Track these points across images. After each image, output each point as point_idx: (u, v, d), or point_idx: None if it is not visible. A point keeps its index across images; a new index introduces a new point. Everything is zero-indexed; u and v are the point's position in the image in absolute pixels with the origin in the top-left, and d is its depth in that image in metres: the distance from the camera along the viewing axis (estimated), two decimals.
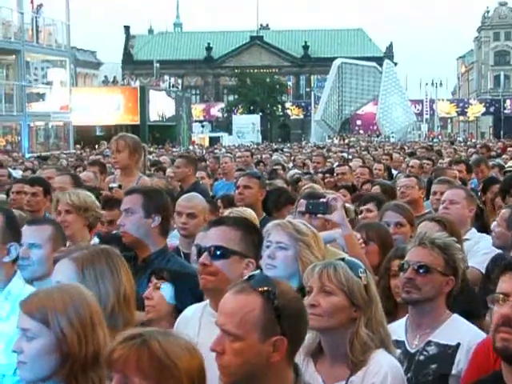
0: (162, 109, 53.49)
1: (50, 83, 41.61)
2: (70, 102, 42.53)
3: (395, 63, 76.23)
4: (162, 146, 42.52)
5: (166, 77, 62.71)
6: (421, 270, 3.59)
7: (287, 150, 29.87)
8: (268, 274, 2.93)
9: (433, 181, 7.66)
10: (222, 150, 30.25)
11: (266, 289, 2.48)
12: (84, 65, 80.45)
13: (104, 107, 47.80)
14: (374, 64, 65.08)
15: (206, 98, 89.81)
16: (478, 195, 7.72)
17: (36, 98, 40.02)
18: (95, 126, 50.45)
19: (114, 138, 7.43)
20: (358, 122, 77.52)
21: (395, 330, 3.54)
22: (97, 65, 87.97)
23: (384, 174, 11.31)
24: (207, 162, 15.01)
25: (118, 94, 50.68)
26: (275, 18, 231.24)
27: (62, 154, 26.68)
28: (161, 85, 58.09)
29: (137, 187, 5.50)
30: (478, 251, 5.52)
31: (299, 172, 11.31)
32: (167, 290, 3.87)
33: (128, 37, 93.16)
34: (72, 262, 3.06)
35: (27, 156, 28.16)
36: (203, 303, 3.50)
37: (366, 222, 5.73)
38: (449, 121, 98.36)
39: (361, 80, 62.43)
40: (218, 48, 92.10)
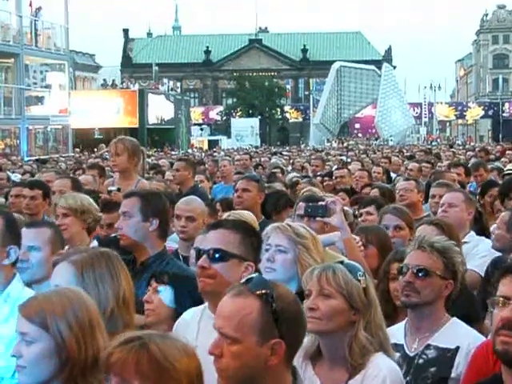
0: (160, 112, 53.46)
1: (48, 86, 41.68)
2: (69, 105, 42.59)
3: (394, 66, 76.26)
4: (161, 149, 42.52)
5: (164, 80, 62.64)
6: (420, 274, 3.59)
7: (286, 153, 29.85)
8: (267, 277, 2.92)
9: (431, 184, 7.66)
10: (221, 153, 30.23)
11: (263, 292, 2.48)
12: (83, 68, 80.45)
13: (103, 110, 47.75)
14: (372, 67, 65.05)
15: (204, 101, 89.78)
16: (477, 198, 7.71)
17: (35, 102, 40.07)
18: (94, 129, 50.41)
19: (113, 141, 7.43)
20: (357, 126, 77.44)
21: (394, 334, 3.54)
22: (96, 68, 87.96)
23: (383, 178, 11.30)
24: (206, 166, 14.99)
25: (116, 98, 50.62)
26: (274, 19, 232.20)
27: (60, 158, 26.68)
28: (160, 88, 58.04)
29: (135, 190, 5.49)
30: (476, 254, 5.53)
31: (298, 175, 11.30)
32: (167, 293, 3.86)
33: (127, 40, 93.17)
34: (71, 265, 3.05)
35: (26, 159, 28.17)
36: (202, 306, 3.50)
37: (365, 225, 5.73)
38: (447, 124, 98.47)
39: (359, 83, 62.41)
40: (217, 51, 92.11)
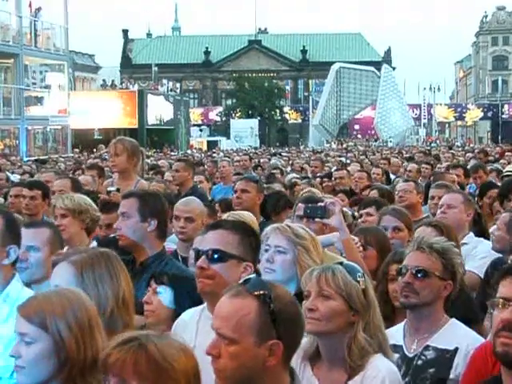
0: (160, 112, 53.45)
1: (48, 87, 41.71)
2: (68, 105, 42.61)
3: (393, 68, 76.31)
4: (160, 150, 42.51)
5: (164, 81, 62.63)
6: (419, 275, 3.59)
7: (285, 154, 29.87)
8: (267, 278, 2.92)
9: (431, 185, 7.66)
10: (220, 154, 30.20)
11: (261, 292, 2.48)
12: (82, 68, 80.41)
13: (102, 111, 47.72)
14: (372, 68, 65.16)
15: (204, 102, 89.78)
16: (476, 200, 7.71)
17: (34, 102, 40.07)
18: (93, 129, 50.40)
19: (113, 142, 7.43)
20: (356, 127, 77.44)
21: (393, 335, 3.54)
22: (95, 68, 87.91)
23: (382, 179, 11.30)
24: (205, 166, 15.00)
25: (116, 98, 50.62)
26: (274, 20, 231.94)
27: (60, 158, 26.67)
28: (159, 89, 58.05)
29: (133, 191, 5.48)
30: (475, 255, 5.53)
31: (297, 176, 11.31)
32: (166, 294, 3.86)
33: (126, 40, 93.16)
34: (71, 265, 3.04)
35: (25, 160, 28.16)
36: (201, 307, 3.49)
37: (364, 226, 5.73)
38: (447, 125, 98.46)
39: (359, 84, 62.50)
40: (217, 52, 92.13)
